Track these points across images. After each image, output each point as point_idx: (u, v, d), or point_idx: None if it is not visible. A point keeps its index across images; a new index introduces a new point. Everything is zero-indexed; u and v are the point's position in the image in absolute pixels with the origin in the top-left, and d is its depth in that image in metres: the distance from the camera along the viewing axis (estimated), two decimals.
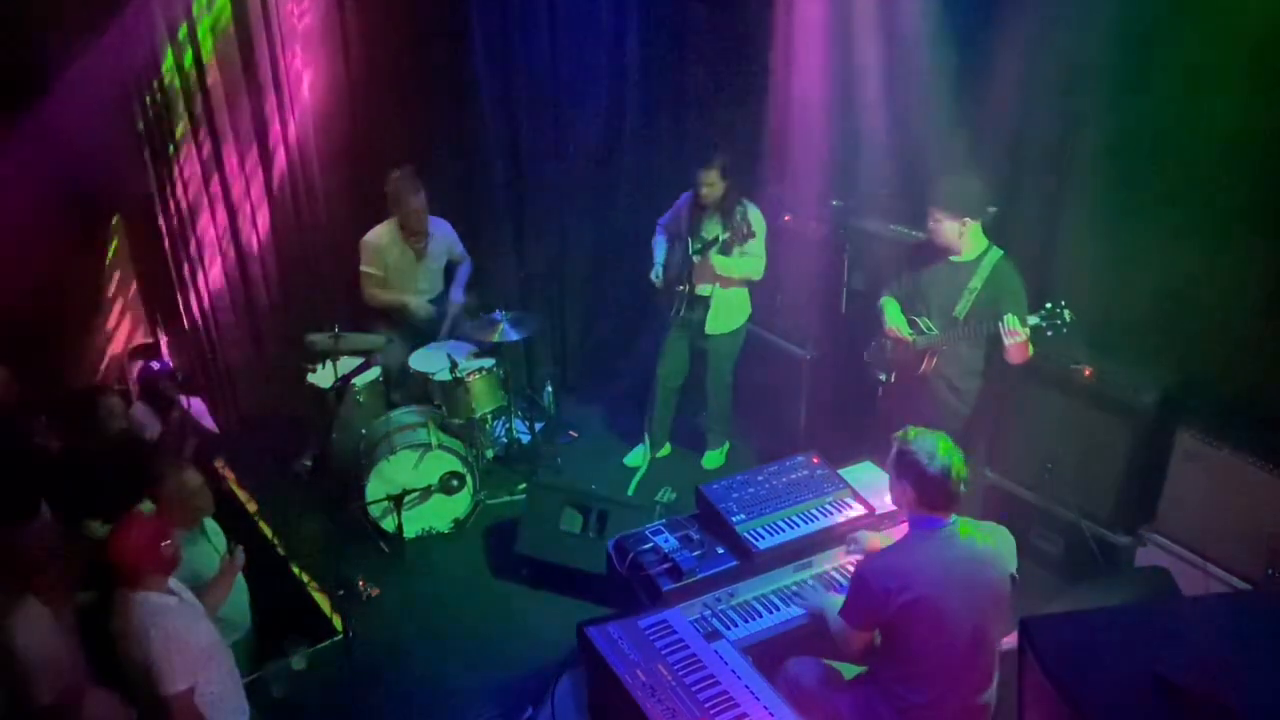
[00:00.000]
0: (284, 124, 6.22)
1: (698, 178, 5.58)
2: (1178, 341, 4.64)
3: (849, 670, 3.74)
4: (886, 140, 5.53)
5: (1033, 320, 4.30)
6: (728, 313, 5.83)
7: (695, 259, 5.61)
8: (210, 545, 4.47)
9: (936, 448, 3.35)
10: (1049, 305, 4.27)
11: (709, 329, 5.85)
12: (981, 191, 4.57)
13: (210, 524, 4.57)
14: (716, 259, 5.59)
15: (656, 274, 5.92)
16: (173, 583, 3.77)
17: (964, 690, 3.39)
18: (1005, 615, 3.45)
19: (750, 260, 5.65)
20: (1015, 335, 4.33)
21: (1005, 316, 4.35)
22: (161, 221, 6.08)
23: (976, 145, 5.14)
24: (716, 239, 5.55)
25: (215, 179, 6.15)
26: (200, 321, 6.40)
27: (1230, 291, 4.42)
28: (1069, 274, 4.92)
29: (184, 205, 6.10)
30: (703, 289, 5.78)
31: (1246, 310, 4.39)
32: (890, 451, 3.49)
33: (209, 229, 6.24)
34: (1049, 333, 4.29)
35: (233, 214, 6.26)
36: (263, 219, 6.36)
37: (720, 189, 5.58)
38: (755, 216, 5.64)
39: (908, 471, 3.38)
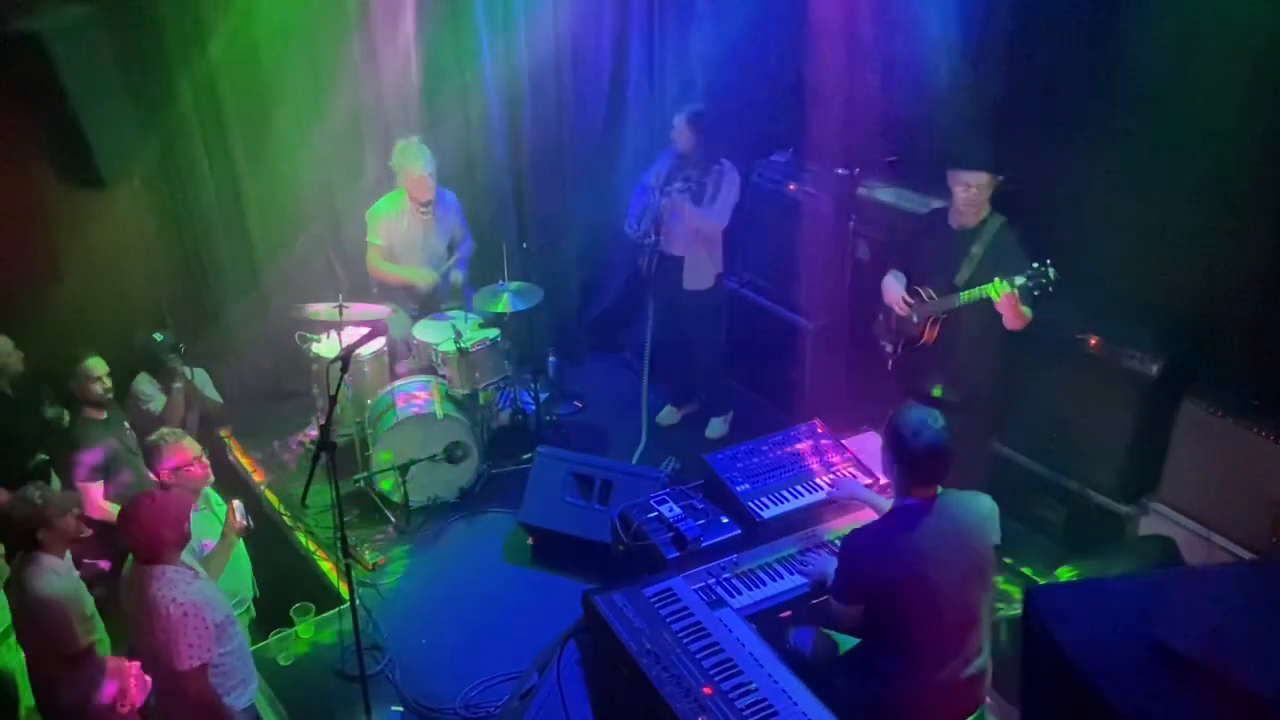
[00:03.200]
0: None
1: (673, 122, 5.67)
2: (1183, 311, 4.62)
3: (847, 642, 3.76)
4: (893, 108, 5.50)
5: (1019, 280, 4.26)
6: (699, 270, 5.91)
7: (659, 198, 5.71)
8: (214, 515, 4.49)
9: (924, 422, 3.31)
10: (1035, 264, 4.24)
11: (686, 285, 5.93)
12: None
13: (213, 495, 4.59)
14: (679, 200, 5.65)
15: (629, 225, 6.01)
16: (184, 556, 3.79)
17: (953, 662, 3.39)
18: (990, 585, 3.45)
19: (709, 210, 5.70)
20: (1005, 296, 4.30)
21: (994, 279, 4.33)
22: (165, 192, 6.06)
23: (986, 113, 5.12)
24: (687, 179, 5.65)
25: (217, 149, 6.12)
26: (204, 291, 6.40)
27: (1237, 261, 4.40)
28: (1076, 243, 4.90)
29: (186, 173, 6.07)
30: (675, 249, 5.86)
31: (1252, 280, 4.37)
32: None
33: (211, 197, 6.21)
34: (1035, 291, 4.25)
35: (235, 184, 6.23)
36: (264, 188, 6.33)
37: (689, 137, 5.65)
38: (730, 179, 5.71)
39: (893, 445, 3.37)
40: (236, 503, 4.37)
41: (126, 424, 5.22)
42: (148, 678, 3.49)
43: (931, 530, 3.33)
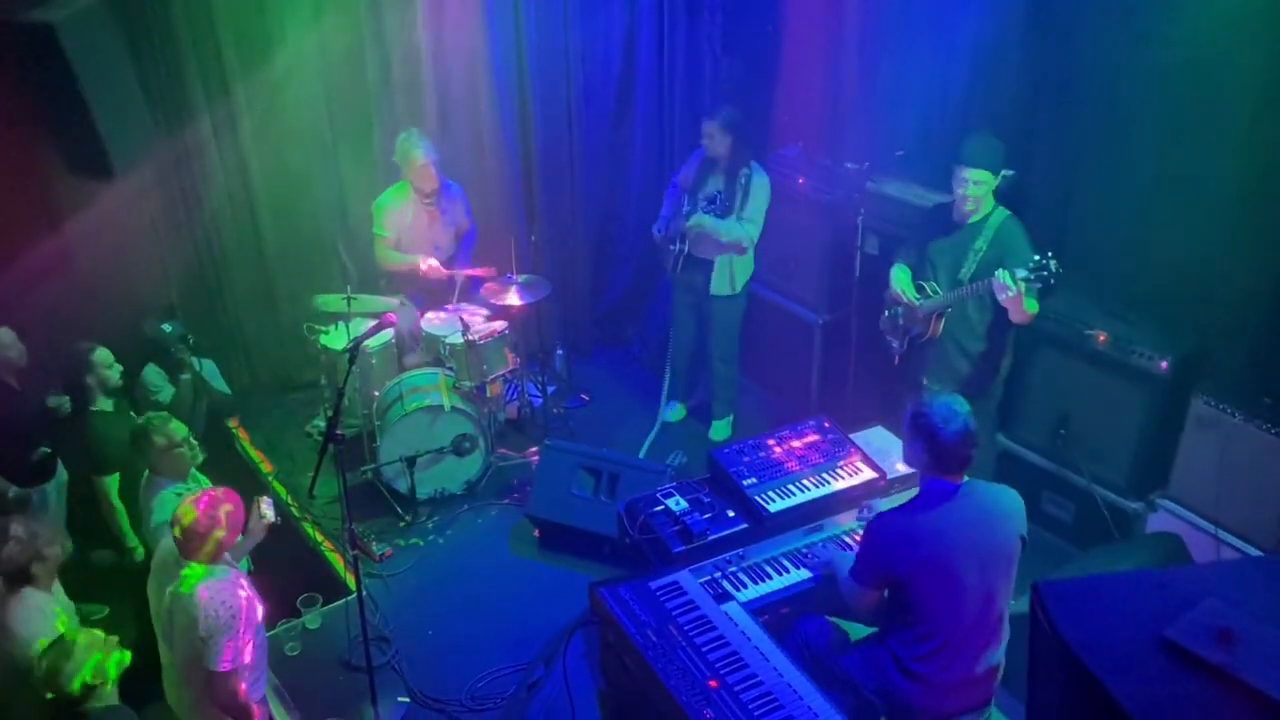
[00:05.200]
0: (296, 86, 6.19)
1: (702, 129, 5.56)
2: (1193, 308, 4.61)
3: (857, 631, 3.76)
4: (902, 103, 5.48)
5: (1021, 273, 4.23)
6: (730, 274, 5.81)
7: (688, 221, 5.61)
8: None
9: (952, 411, 3.33)
10: (1037, 258, 4.21)
11: (713, 289, 5.85)
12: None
13: (203, 480, 4.59)
14: (707, 220, 5.57)
15: (658, 228, 5.94)
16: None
17: (971, 651, 3.40)
18: (1013, 577, 3.46)
19: (741, 226, 5.59)
20: (1006, 289, 4.27)
21: (996, 271, 4.30)
22: (175, 182, 6.07)
23: (993, 109, 5.11)
24: (713, 200, 5.54)
25: (227, 140, 6.13)
26: (213, 283, 6.41)
27: (1246, 259, 4.39)
28: (1085, 240, 4.90)
29: (195, 165, 6.08)
30: (703, 253, 5.77)
31: (1262, 277, 4.36)
32: (906, 413, 3.47)
33: (221, 189, 6.22)
34: (1038, 285, 4.23)
35: (244, 175, 6.24)
36: (274, 180, 6.33)
37: (724, 144, 5.53)
38: (759, 183, 5.58)
39: (922, 434, 3.36)
40: (266, 499, 4.38)
41: (133, 415, 5.23)
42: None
43: (958, 517, 3.34)
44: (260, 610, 3.79)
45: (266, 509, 4.31)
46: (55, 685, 3.25)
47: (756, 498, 4.15)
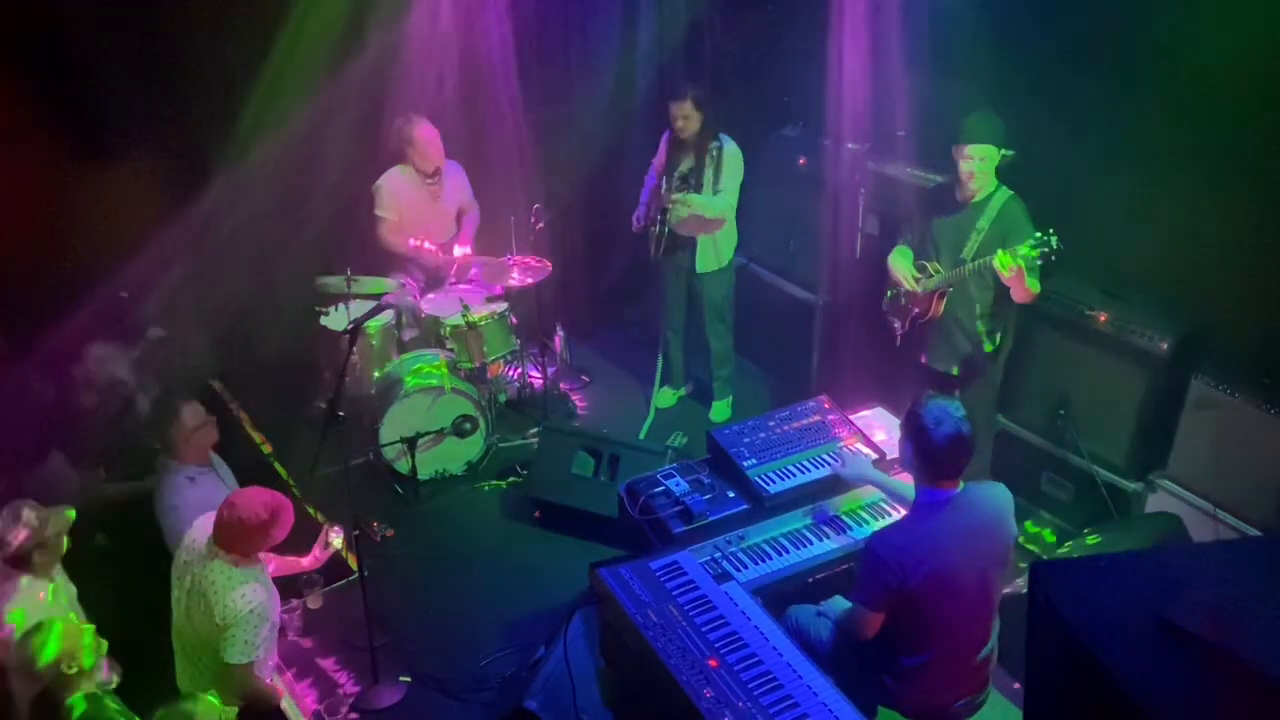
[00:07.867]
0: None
1: (671, 111, 5.54)
2: (1193, 289, 4.61)
3: None
4: (904, 82, 5.45)
5: (1022, 250, 4.20)
6: (715, 250, 5.81)
7: (668, 200, 5.61)
8: (220, 481, 4.50)
9: (946, 413, 3.26)
10: (1038, 234, 4.18)
11: (699, 268, 5.84)
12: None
13: (215, 458, 4.60)
14: (691, 197, 5.57)
15: (637, 216, 5.98)
16: None
17: (965, 651, 3.40)
18: (1005, 575, 3.45)
19: (720, 199, 5.59)
20: (1010, 269, 4.25)
21: (996, 251, 4.28)
22: (172, 163, 6.06)
23: (994, 88, 5.08)
24: (685, 179, 5.55)
25: (226, 121, 6.10)
26: (213, 265, 6.39)
27: (1246, 240, 4.38)
28: (1085, 220, 4.88)
29: (192, 146, 6.06)
30: (685, 231, 5.76)
31: (1262, 258, 4.35)
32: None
33: (220, 169, 6.20)
34: (1039, 262, 4.21)
35: (245, 156, 6.22)
36: (273, 160, 6.31)
37: (696, 123, 5.52)
38: (730, 153, 5.58)
39: (913, 434, 3.32)
40: (337, 528, 4.38)
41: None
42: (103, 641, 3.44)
43: (954, 526, 3.30)
44: (278, 609, 3.81)
45: (335, 537, 4.33)
46: (26, 665, 3.19)
47: (756, 479, 4.16)
